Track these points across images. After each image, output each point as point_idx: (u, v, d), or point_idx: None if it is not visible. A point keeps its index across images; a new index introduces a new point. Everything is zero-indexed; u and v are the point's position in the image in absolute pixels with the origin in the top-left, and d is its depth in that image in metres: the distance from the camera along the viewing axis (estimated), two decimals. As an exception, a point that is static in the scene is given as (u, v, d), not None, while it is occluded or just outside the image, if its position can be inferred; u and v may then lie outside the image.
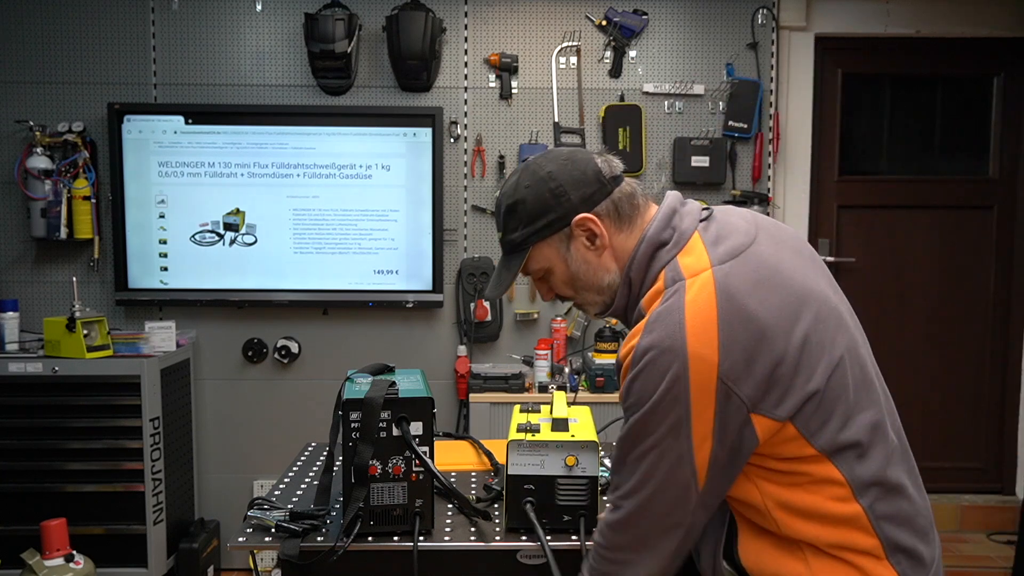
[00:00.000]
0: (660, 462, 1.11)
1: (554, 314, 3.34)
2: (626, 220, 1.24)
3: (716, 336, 1.07)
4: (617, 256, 1.24)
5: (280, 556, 1.41)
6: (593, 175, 1.23)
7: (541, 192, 1.23)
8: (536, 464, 1.47)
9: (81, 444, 2.90)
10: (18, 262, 3.30)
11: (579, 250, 1.24)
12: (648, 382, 1.09)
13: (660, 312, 1.11)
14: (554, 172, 1.23)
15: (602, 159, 1.26)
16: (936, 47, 3.53)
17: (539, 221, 1.24)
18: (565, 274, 1.27)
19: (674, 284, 1.13)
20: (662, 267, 1.17)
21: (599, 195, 1.23)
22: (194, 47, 3.29)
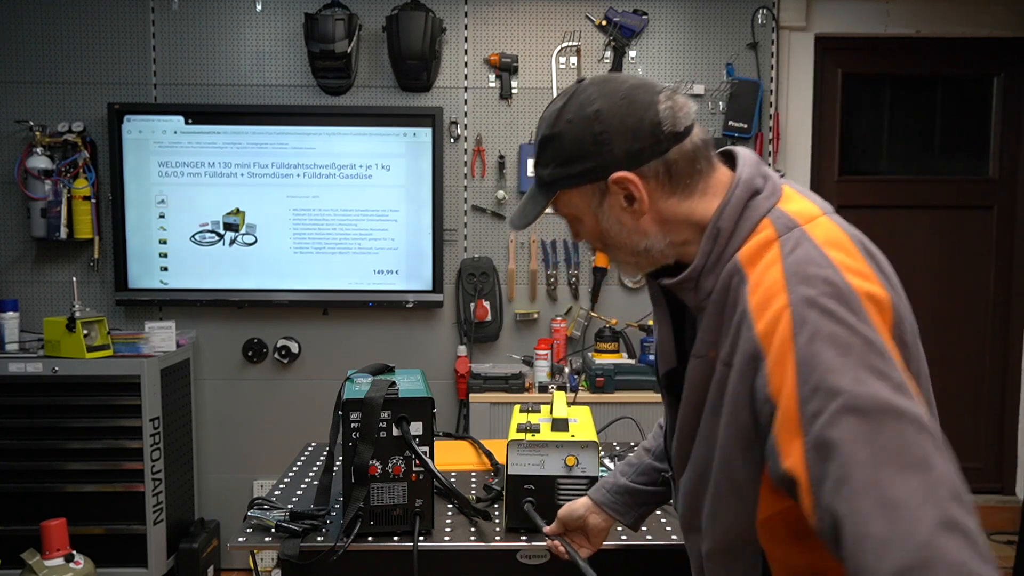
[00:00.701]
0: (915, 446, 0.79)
1: (554, 314, 3.34)
2: (681, 183, 1.00)
3: (873, 273, 0.92)
4: (662, 221, 1.02)
5: (280, 556, 1.41)
6: (649, 128, 0.98)
7: (582, 133, 1.00)
8: (536, 464, 1.47)
9: (81, 444, 2.90)
10: (18, 262, 3.30)
11: (613, 209, 1.03)
12: (836, 339, 0.84)
13: (797, 265, 0.90)
14: (603, 112, 0.99)
15: (668, 103, 0.99)
16: (936, 47, 3.53)
17: (573, 166, 1.02)
18: (594, 229, 1.07)
19: (790, 231, 0.95)
20: (762, 216, 0.97)
21: (649, 153, 0.99)
22: (194, 47, 3.29)
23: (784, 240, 0.94)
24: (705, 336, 1.00)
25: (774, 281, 0.91)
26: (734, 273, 0.96)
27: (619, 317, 3.31)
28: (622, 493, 1.37)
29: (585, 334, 3.37)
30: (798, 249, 0.92)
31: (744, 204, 0.99)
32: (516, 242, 3.35)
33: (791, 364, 0.85)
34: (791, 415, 0.84)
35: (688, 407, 1.05)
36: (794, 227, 0.95)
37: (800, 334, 0.86)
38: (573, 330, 3.35)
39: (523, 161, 3.28)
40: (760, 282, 0.93)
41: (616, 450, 2.03)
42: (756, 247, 0.96)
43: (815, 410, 0.82)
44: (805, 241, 0.93)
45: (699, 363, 1.01)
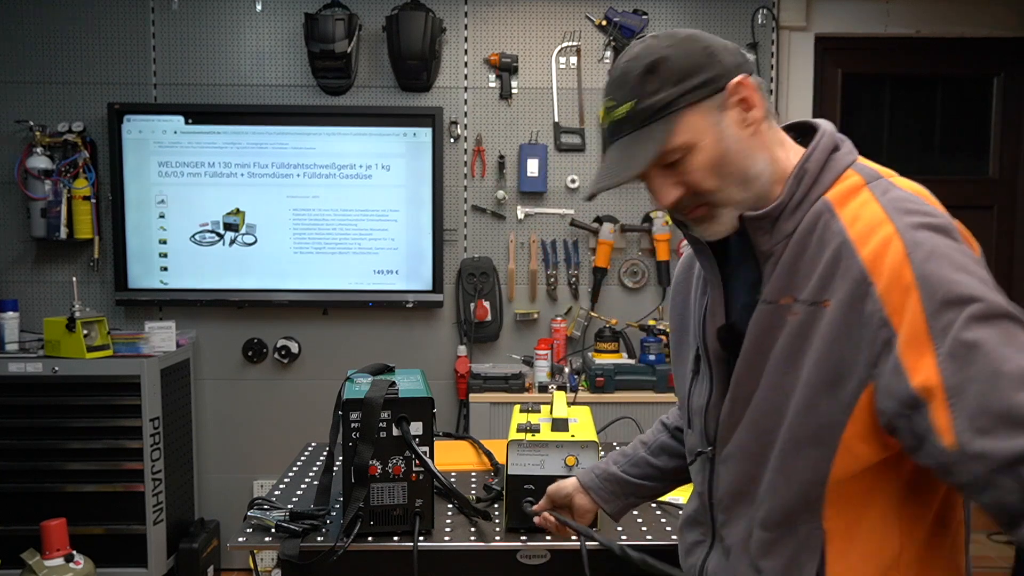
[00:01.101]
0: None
1: (554, 314, 3.34)
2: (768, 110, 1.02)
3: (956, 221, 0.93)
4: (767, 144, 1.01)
5: (280, 556, 1.41)
6: (735, 49, 1.01)
7: (690, 49, 0.98)
8: (536, 464, 1.48)
9: (81, 444, 2.90)
10: (18, 262, 3.30)
11: (732, 124, 0.99)
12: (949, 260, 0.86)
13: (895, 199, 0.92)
14: (695, 35, 1.00)
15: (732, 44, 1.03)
16: (936, 47, 3.53)
17: (692, 79, 0.97)
18: (714, 153, 0.98)
19: (876, 180, 0.97)
20: (846, 166, 0.99)
21: (746, 69, 1.00)
22: (194, 47, 3.29)
23: (873, 186, 0.96)
24: (779, 281, 0.97)
25: (874, 214, 0.91)
26: (823, 212, 0.95)
27: (619, 317, 3.31)
28: (611, 481, 1.36)
29: (585, 334, 3.37)
30: (890, 192, 0.94)
31: (829, 152, 1.00)
32: (516, 242, 3.35)
33: (911, 284, 0.85)
34: (918, 332, 0.84)
35: (750, 360, 1.00)
36: (880, 178, 0.97)
37: (915, 254, 0.86)
38: (573, 330, 3.35)
39: (523, 161, 3.28)
40: (858, 216, 0.93)
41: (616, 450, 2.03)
42: (845, 191, 0.96)
43: (946, 322, 0.83)
44: (894, 188, 0.95)
45: (768, 310, 0.98)
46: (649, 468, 1.36)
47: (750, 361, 1.00)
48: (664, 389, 3.03)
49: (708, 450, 1.10)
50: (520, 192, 3.33)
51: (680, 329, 1.21)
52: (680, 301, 1.22)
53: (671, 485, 1.39)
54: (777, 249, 0.98)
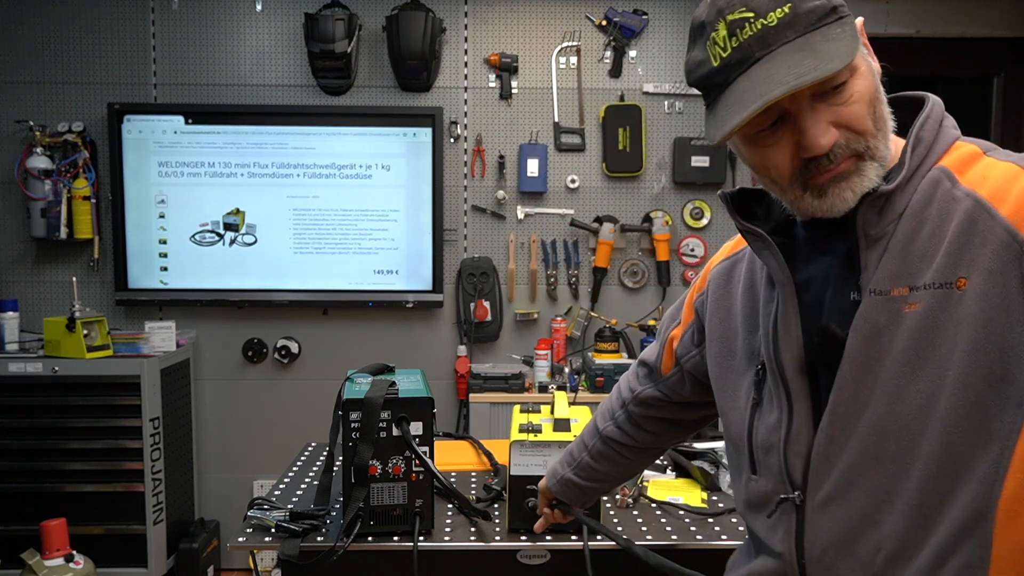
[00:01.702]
0: None
1: (554, 314, 3.34)
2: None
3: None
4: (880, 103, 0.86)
5: (280, 556, 1.41)
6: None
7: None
8: (538, 464, 1.48)
9: (81, 444, 2.90)
10: (18, 262, 3.30)
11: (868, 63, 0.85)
12: None
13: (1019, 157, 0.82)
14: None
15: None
16: (936, 47, 3.52)
17: (837, 11, 0.81)
18: (872, 85, 0.84)
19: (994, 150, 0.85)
20: (956, 138, 0.87)
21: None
22: (194, 47, 3.29)
23: (991, 152, 0.83)
24: (891, 267, 0.81)
25: (1004, 169, 0.79)
26: (941, 179, 0.82)
27: (619, 317, 3.31)
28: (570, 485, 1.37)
29: (585, 334, 3.37)
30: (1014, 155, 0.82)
31: (940, 122, 0.88)
32: (516, 242, 3.35)
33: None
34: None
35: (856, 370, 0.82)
36: (997, 148, 0.85)
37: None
38: (573, 330, 3.35)
39: (523, 161, 3.28)
40: (985, 176, 0.79)
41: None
42: (963, 157, 0.84)
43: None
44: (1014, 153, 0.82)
45: (878, 303, 0.81)
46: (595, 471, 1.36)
47: (857, 372, 0.82)
48: (664, 389, 3.02)
49: (795, 495, 0.88)
50: (520, 192, 3.33)
51: (724, 354, 1.02)
52: (719, 322, 1.04)
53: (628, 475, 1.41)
54: (887, 231, 0.82)
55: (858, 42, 0.80)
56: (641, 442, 1.31)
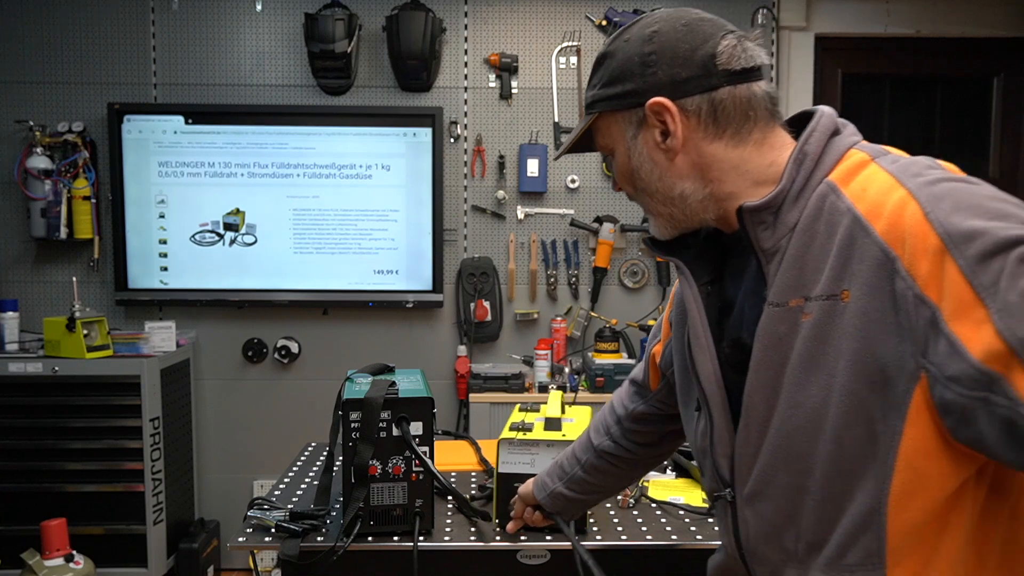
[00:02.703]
0: None
1: (554, 314, 3.34)
2: (728, 127, 0.91)
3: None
4: (704, 167, 0.93)
5: (280, 556, 1.41)
6: (701, 58, 0.91)
7: (632, 53, 0.93)
8: (526, 463, 1.48)
9: (81, 444, 2.90)
10: (18, 262, 3.30)
11: (647, 143, 0.94)
12: (971, 207, 0.75)
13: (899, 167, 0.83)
14: (659, 34, 0.93)
15: (734, 43, 0.91)
16: (936, 47, 3.53)
17: (616, 86, 0.95)
18: (625, 166, 0.98)
19: (884, 155, 0.87)
20: (848, 147, 0.90)
21: (694, 86, 0.91)
22: (194, 47, 3.29)
23: (879, 159, 0.86)
24: (786, 279, 0.86)
25: (882, 182, 0.81)
26: (827, 193, 0.85)
27: (619, 317, 3.31)
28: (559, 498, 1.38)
29: (585, 334, 3.37)
30: (898, 162, 0.84)
31: (829, 134, 0.91)
32: (516, 242, 3.35)
33: (938, 246, 0.74)
34: (963, 297, 0.72)
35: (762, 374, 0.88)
36: (887, 152, 0.88)
37: (935, 211, 0.75)
38: (573, 330, 3.35)
39: (523, 161, 3.28)
40: (864, 189, 0.82)
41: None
42: (848, 169, 0.86)
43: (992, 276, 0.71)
44: (902, 158, 0.86)
45: (776, 314, 0.87)
46: (588, 484, 1.36)
47: (760, 378, 0.88)
48: (664, 389, 3.02)
49: (726, 492, 0.97)
50: (520, 192, 3.33)
51: (681, 368, 1.08)
52: (678, 338, 1.10)
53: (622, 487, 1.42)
54: (782, 244, 0.87)
55: (578, 136, 1.02)
56: (639, 454, 1.33)
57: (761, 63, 0.93)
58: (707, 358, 0.97)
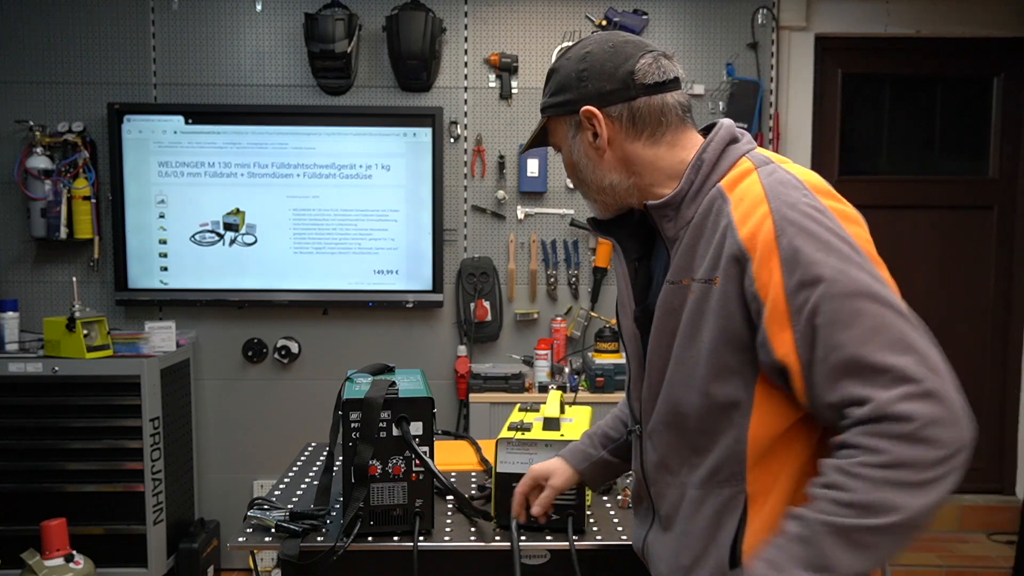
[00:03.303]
0: (885, 308, 0.92)
1: (554, 314, 3.34)
2: (645, 131, 1.13)
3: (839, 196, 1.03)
4: (627, 162, 1.15)
5: (280, 556, 1.41)
6: (623, 75, 1.12)
7: (570, 69, 1.17)
8: (524, 462, 1.47)
9: (81, 444, 2.90)
10: (18, 262, 3.30)
11: (583, 142, 1.17)
12: (813, 237, 0.95)
13: (776, 182, 1.02)
14: (591, 55, 1.15)
15: (650, 62, 1.12)
16: (936, 47, 3.53)
17: (559, 96, 1.18)
18: (569, 160, 1.22)
19: (768, 164, 1.07)
20: (741, 154, 1.10)
21: (616, 96, 1.13)
22: (194, 47, 3.29)
23: (761, 169, 1.06)
24: (680, 263, 1.09)
25: (756, 194, 1.02)
26: (716, 197, 1.06)
27: (619, 317, 3.30)
28: (603, 467, 1.41)
29: (585, 334, 3.37)
30: (775, 175, 1.04)
31: (725, 144, 1.11)
32: (516, 242, 3.35)
33: (776, 262, 0.97)
34: (780, 309, 0.96)
35: (658, 337, 1.11)
36: (770, 163, 1.07)
37: (783, 235, 0.97)
38: (573, 330, 3.35)
39: (523, 161, 3.28)
40: (742, 198, 1.03)
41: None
42: (736, 175, 1.07)
43: (802, 301, 0.94)
44: (780, 170, 1.05)
45: (672, 289, 1.09)
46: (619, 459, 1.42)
47: (658, 339, 1.12)
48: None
49: (636, 428, 1.22)
50: (520, 192, 3.33)
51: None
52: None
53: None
54: (681, 234, 1.09)
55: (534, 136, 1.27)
56: None
57: (674, 76, 1.14)
58: (629, 321, 1.21)
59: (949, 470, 0.89)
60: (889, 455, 0.88)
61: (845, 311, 0.92)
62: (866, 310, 0.92)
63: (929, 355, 0.91)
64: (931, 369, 0.90)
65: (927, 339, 0.93)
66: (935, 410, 0.88)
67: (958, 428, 0.89)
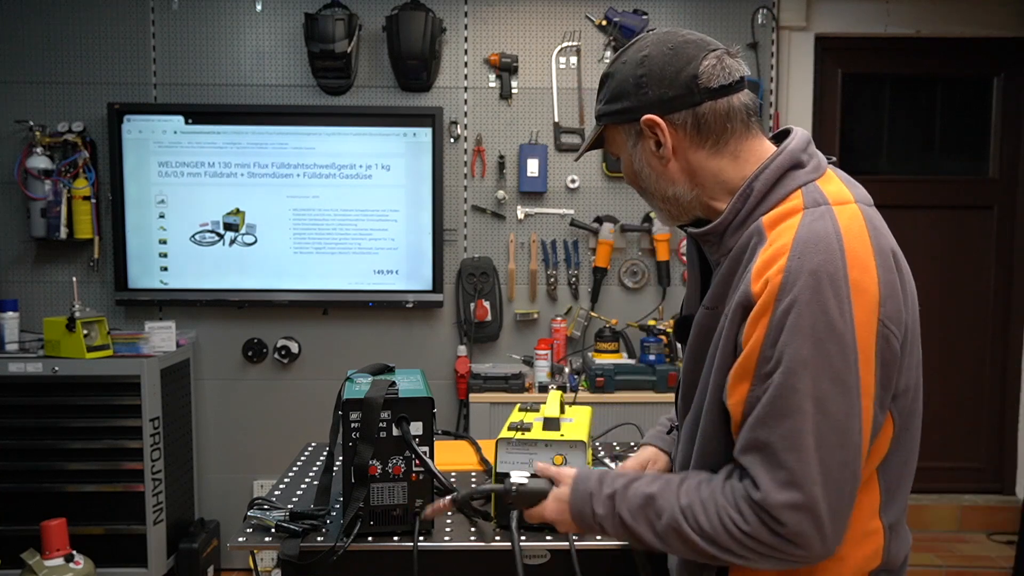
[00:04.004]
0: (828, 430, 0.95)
1: (554, 314, 3.34)
2: (710, 138, 1.09)
3: (874, 264, 0.97)
4: (692, 172, 1.11)
5: (280, 556, 1.41)
6: (685, 79, 1.07)
7: (628, 74, 1.11)
8: (524, 462, 1.47)
9: (81, 444, 2.90)
10: (18, 262, 3.30)
11: (646, 151, 1.13)
12: (805, 314, 0.94)
13: (808, 230, 0.98)
14: (649, 58, 1.09)
15: (715, 62, 1.07)
16: (936, 47, 3.53)
17: (616, 103, 1.13)
18: (629, 168, 1.18)
19: (818, 206, 1.01)
20: (798, 186, 1.04)
21: (680, 103, 1.08)
22: (194, 47, 3.29)
23: (808, 212, 1.01)
24: (717, 290, 1.08)
25: (783, 244, 0.98)
26: (755, 234, 1.04)
27: (619, 317, 3.31)
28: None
29: (585, 334, 3.37)
30: (817, 223, 0.99)
31: (783, 172, 1.06)
32: (516, 242, 3.35)
33: (764, 324, 0.97)
34: (749, 365, 0.99)
35: (691, 354, 1.13)
36: (824, 203, 1.02)
37: (781, 301, 0.96)
38: (573, 330, 3.35)
39: (523, 161, 3.28)
40: (773, 243, 1.00)
41: (616, 450, 2.03)
42: (782, 213, 1.03)
43: (767, 372, 0.97)
44: (827, 218, 0.99)
45: (707, 314, 1.10)
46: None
47: (690, 356, 1.14)
48: (664, 389, 3.02)
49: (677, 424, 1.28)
50: (520, 192, 3.33)
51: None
52: None
53: None
54: (722, 260, 1.09)
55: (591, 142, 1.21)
56: None
57: (740, 76, 1.09)
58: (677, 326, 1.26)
59: (779, 560, 0.99)
60: (752, 533, 0.97)
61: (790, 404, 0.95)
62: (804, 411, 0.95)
63: (830, 474, 0.95)
64: (823, 486, 0.95)
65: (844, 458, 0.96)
66: (807, 527, 0.95)
67: (817, 549, 0.96)
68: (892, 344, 0.97)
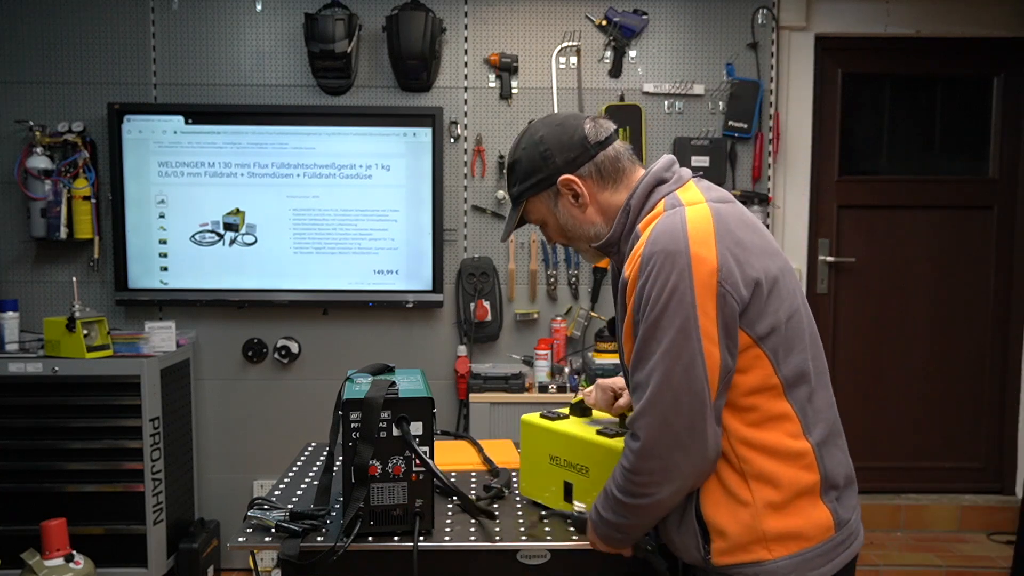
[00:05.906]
0: (675, 365, 1.20)
1: (554, 314, 3.34)
2: (610, 180, 1.39)
3: (714, 244, 1.22)
4: (603, 210, 1.40)
5: (280, 556, 1.41)
6: (579, 140, 1.38)
7: (532, 154, 1.40)
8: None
9: (81, 444, 2.90)
10: (18, 262, 3.30)
11: (566, 206, 1.41)
12: (656, 283, 1.22)
13: (661, 224, 1.26)
14: (545, 136, 1.39)
15: (592, 124, 1.39)
16: (936, 47, 3.53)
17: (530, 179, 1.41)
18: (556, 226, 1.45)
19: (673, 208, 1.29)
20: (662, 197, 1.33)
21: (582, 159, 1.38)
22: (194, 47, 3.29)
23: (667, 212, 1.29)
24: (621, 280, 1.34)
25: (645, 237, 1.27)
26: (635, 237, 1.31)
27: (619, 317, 3.31)
28: None
29: (585, 334, 3.37)
30: (669, 219, 1.27)
31: (650, 188, 1.36)
32: (516, 242, 3.35)
33: (633, 294, 1.27)
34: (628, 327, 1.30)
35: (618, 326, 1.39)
36: (679, 206, 1.29)
37: (640, 276, 1.25)
38: (573, 330, 3.35)
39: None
40: (642, 242, 1.28)
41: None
42: (650, 217, 1.32)
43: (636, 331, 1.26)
44: (678, 214, 1.26)
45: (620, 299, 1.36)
46: None
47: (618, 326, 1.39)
48: (664, 389, 3.02)
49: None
50: (520, 192, 3.33)
51: None
52: None
53: None
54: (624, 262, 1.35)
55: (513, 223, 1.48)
56: None
57: (614, 129, 1.41)
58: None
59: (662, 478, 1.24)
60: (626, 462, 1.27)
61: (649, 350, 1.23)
62: (655, 354, 1.22)
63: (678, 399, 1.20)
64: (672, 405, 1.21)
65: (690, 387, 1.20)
66: (659, 435, 1.22)
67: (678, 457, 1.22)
68: (730, 302, 1.21)
